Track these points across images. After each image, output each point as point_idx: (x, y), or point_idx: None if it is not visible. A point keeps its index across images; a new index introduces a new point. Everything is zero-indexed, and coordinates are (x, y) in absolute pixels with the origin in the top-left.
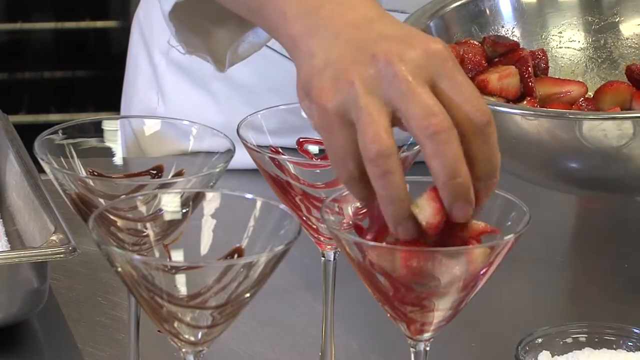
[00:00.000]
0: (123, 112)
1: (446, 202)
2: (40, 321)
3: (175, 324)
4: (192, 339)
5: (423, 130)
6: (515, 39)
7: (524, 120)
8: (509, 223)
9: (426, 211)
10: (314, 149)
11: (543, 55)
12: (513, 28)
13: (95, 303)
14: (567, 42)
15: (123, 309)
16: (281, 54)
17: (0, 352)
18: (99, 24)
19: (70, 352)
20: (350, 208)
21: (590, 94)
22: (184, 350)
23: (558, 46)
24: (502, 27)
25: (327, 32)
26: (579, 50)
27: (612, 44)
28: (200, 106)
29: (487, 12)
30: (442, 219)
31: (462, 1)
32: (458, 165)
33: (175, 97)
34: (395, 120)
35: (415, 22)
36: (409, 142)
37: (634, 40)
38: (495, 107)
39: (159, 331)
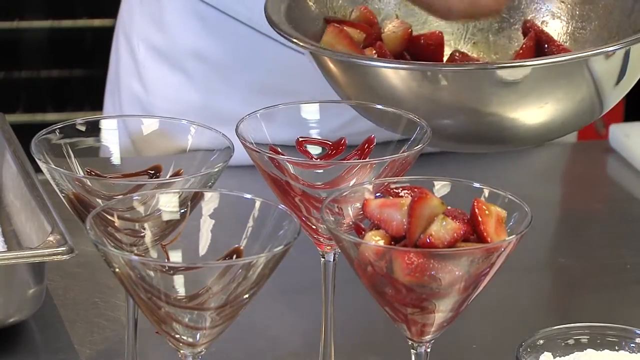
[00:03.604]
0: (106, 107)
1: None
2: (37, 322)
3: (174, 325)
4: (191, 340)
5: None
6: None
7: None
8: (511, 223)
9: (448, 229)
10: (313, 148)
11: None
12: None
13: (93, 304)
14: None
15: (121, 310)
16: (256, 30)
17: None
18: (96, 22)
19: (67, 354)
20: (350, 208)
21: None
22: (182, 351)
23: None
24: None
25: None
26: None
27: None
28: (179, 88)
29: None
30: (450, 245)
31: None
32: None
33: (155, 82)
34: None
35: None
36: (409, 143)
37: None
38: (364, 61)
39: (157, 332)
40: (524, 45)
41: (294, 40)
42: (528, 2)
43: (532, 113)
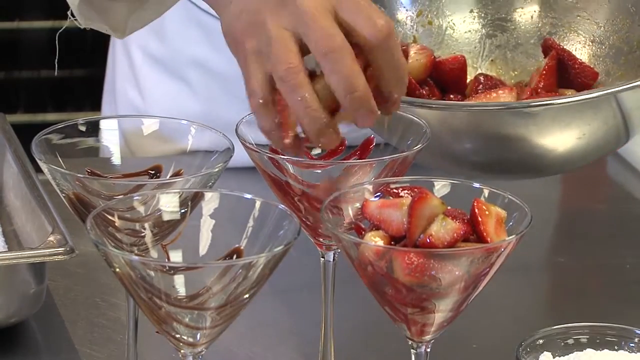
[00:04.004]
0: (104, 113)
1: (351, 113)
2: (38, 322)
3: (174, 325)
4: (191, 340)
5: (320, 50)
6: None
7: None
8: (511, 223)
9: (448, 229)
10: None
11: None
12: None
13: (93, 304)
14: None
15: (121, 310)
16: None
17: None
18: None
19: (68, 354)
20: (350, 208)
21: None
22: (182, 351)
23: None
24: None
25: None
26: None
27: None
28: (178, 97)
29: None
30: (450, 245)
31: None
32: (354, 80)
33: (153, 90)
34: (304, 47)
35: None
36: (409, 143)
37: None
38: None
39: (157, 332)
40: (546, 66)
41: None
42: (543, 16)
43: (557, 143)
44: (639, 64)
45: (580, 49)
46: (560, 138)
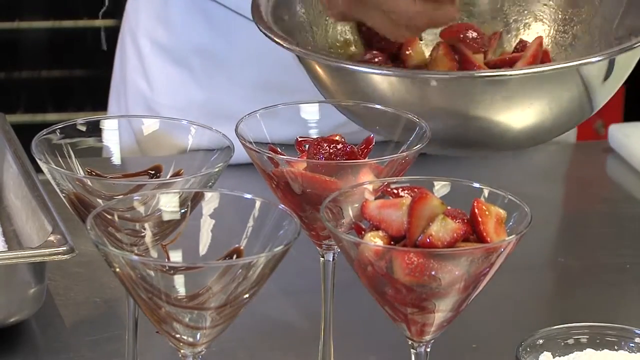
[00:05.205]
0: (111, 107)
1: None
2: (37, 322)
3: (174, 325)
4: (191, 340)
5: None
6: None
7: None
8: (511, 223)
9: (448, 229)
10: None
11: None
12: None
13: (93, 304)
14: None
15: (121, 310)
16: None
17: None
18: (97, 22)
19: (67, 354)
20: (350, 208)
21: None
22: (182, 351)
23: None
24: None
25: None
26: None
27: None
28: (183, 85)
29: None
30: (450, 245)
31: None
32: None
33: (160, 79)
34: None
35: None
36: (408, 142)
37: None
38: (350, 66)
39: (157, 332)
40: (532, 51)
41: (283, 44)
42: (510, 4)
43: (520, 114)
44: None
45: (544, 36)
46: (523, 111)
